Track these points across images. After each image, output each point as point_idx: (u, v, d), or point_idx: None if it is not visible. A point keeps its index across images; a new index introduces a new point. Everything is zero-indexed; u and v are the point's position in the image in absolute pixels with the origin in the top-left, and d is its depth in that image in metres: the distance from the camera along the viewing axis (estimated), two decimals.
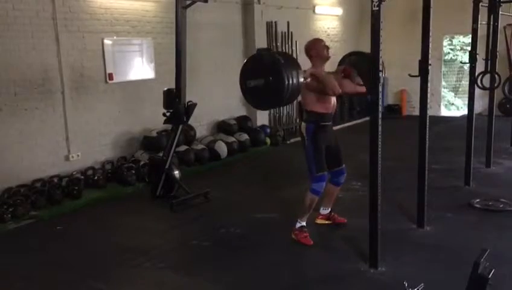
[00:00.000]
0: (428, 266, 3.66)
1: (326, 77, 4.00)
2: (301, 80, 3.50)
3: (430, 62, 4.14)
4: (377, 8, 3.27)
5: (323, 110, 4.11)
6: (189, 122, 5.90)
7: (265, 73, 3.42)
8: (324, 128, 4.16)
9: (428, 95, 4.22)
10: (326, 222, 4.57)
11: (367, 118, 4.15)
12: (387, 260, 3.69)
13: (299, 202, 5.20)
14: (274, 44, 9.00)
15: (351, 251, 3.98)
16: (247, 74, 3.60)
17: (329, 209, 4.60)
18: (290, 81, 3.36)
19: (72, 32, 5.96)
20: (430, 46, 4.12)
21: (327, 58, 4.13)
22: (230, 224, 4.68)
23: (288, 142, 8.80)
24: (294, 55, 9.40)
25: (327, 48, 4.16)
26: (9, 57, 5.37)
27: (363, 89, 4.04)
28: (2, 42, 5.27)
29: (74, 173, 5.97)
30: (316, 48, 4.13)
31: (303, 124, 4.22)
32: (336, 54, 4.37)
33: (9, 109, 5.42)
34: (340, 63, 4.32)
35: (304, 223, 4.23)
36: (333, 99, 4.16)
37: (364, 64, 3.86)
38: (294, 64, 3.54)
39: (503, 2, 6.24)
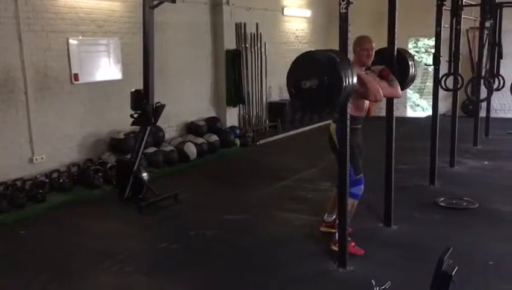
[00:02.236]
0: (395, 264, 3.73)
1: (371, 80, 3.73)
2: (355, 80, 3.27)
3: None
4: (345, 10, 3.31)
5: (357, 112, 3.84)
6: (158, 123, 5.83)
7: (319, 73, 3.16)
8: (355, 132, 3.86)
9: None
10: (332, 231, 4.16)
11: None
12: (356, 259, 3.74)
13: (269, 202, 5.22)
14: (243, 45, 9.00)
15: (320, 251, 4.01)
16: (297, 74, 3.27)
17: (334, 217, 4.25)
18: (347, 81, 3.14)
19: (35, 32, 5.80)
20: (396, 48, 4.20)
21: (364, 64, 3.85)
22: (201, 226, 4.65)
23: (258, 143, 8.81)
24: (263, 57, 9.47)
25: (368, 53, 3.80)
26: None
27: (399, 92, 3.94)
28: None
29: (38, 176, 5.80)
30: (358, 48, 3.80)
31: (333, 124, 3.95)
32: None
33: None
34: None
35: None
36: (367, 102, 3.94)
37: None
38: (348, 63, 3.28)
39: (465, 6, 6.43)
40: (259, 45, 9.37)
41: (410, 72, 4.31)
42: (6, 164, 5.57)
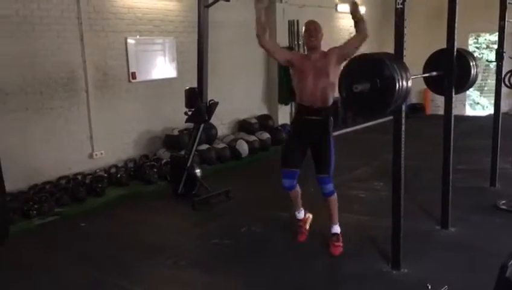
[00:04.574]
0: (452, 268, 3.59)
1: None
2: (410, 83, 3.16)
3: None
4: (401, 6, 3.21)
5: (300, 100, 3.94)
6: (211, 121, 5.92)
7: (371, 76, 3.08)
8: (298, 123, 4.07)
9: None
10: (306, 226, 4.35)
11: (389, 118, 4.10)
12: (410, 261, 3.63)
13: (320, 200, 5.19)
14: (296, 43, 8.96)
15: (373, 251, 3.94)
16: (349, 78, 3.21)
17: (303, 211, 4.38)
18: (400, 84, 3.04)
19: (96, 32, 6.05)
20: (456, 44, 4.05)
21: (308, 46, 3.90)
22: (251, 222, 4.68)
23: None
24: None
25: (310, 34, 3.83)
26: (35, 57, 5.47)
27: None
28: (28, 42, 5.38)
29: (98, 170, 6.06)
30: (303, 29, 3.93)
31: (330, 120, 3.96)
32: (358, 52, 4.29)
33: (35, 107, 5.53)
34: (427, 64, 4.19)
35: None
36: (312, 86, 3.87)
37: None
38: (403, 65, 3.20)
39: None
40: None
41: (472, 73, 4.14)
42: (68, 159, 5.86)
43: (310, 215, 4.43)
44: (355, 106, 3.37)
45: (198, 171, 5.64)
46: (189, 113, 5.55)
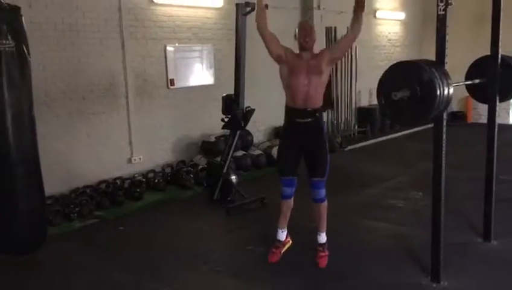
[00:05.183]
0: (495, 282, 3.47)
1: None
2: (451, 90, 3.07)
3: None
4: (443, 12, 3.14)
5: (290, 102, 3.85)
6: (247, 127, 5.94)
7: (411, 83, 3.01)
8: (289, 127, 3.96)
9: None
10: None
11: (427, 125, 4.01)
12: (451, 274, 3.53)
13: (356, 209, 5.11)
14: None
15: (412, 263, 3.84)
16: (388, 85, 3.16)
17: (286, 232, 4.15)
18: (441, 92, 2.97)
19: (137, 40, 6.20)
20: (500, 50, 3.92)
21: (302, 47, 3.81)
22: (293, 229, 4.65)
23: (345, 148, 8.66)
24: (354, 61, 9.30)
25: (305, 33, 3.78)
26: (79, 64, 5.65)
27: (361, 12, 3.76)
28: (72, 49, 5.56)
29: (136, 175, 6.18)
30: (298, 30, 3.85)
31: (323, 121, 3.90)
32: (396, 59, 4.25)
33: (78, 113, 5.70)
34: (469, 71, 4.11)
35: None
36: (302, 89, 3.77)
37: None
38: (444, 72, 3.12)
39: None
40: (349, 49, 9.21)
41: None
42: (108, 163, 6.01)
43: (290, 241, 4.16)
44: (394, 113, 3.28)
45: (234, 177, 5.67)
46: (226, 119, 5.59)
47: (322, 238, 4.00)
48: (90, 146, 5.83)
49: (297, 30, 3.88)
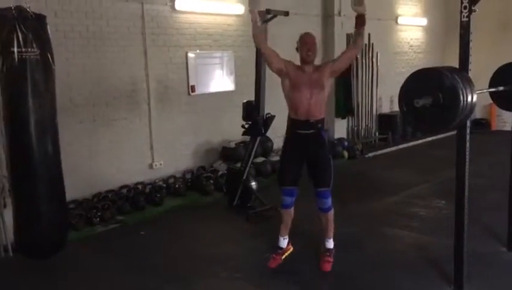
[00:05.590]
0: None
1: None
2: (475, 98, 3.02)
3: None
4: (467, 19, 3.11)
5: (292, 114, 3.88)
6: (267, 134, 5.95)
7: (433, 90, 2.97)
8: (292, 137, 3.98)
9: None
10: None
11: (450, 133, 3.95)
12: (474, 283, 3.47)
13: (378, 217, 5.07)
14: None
15: (434, 272, 3.78)
16: (410, 92, 3.12)
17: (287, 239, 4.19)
18: (465, 100, 2.92)
19: (158, 47, 6.27)
20: None
21: (304, 60, 3.82)
22: (306, 238, 4.63)
23: (366, 155, 8.59)
24: (375, 67, 9.24)
25: (308, 48, 3.78)
26: (103, 71, 5.74)
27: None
28: (96, 56, 5.66)
29: (157, 180, 6.24)
30: (300, 43, 3.85)
31: (324, 132, 3.91)
32: (417, 65, 4.21)
33: (101, 119, 5.79)
34: (494, 78, 4.04)
35: None
36: (304, 99, 3.80)
37: None
38: (467, 79, 3.08)
39: None
40: (370, 55, 9.17)
41: None
42: (130, 169, 6.07)
43: (291, 248, 4.18)
44: (416, 121, 3.24)
45: (253, 183, 5.67)
46: (246, 126, 5.61)
47: (330, 243, 4.04)
48: (112, 151, 5.91)
49: (299, 42, 3.88)
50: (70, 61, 5.39)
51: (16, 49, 3.43)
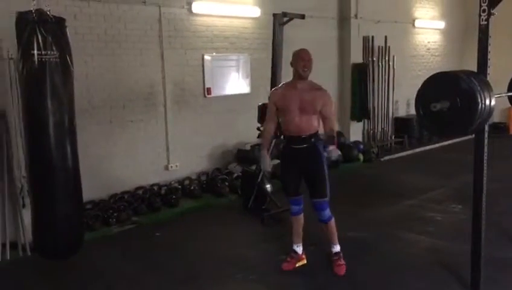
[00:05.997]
0: None
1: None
2: (493, 102, 3.02)
3: None
4: (485, 22, 3.08)
5: (285, 131, 3.96)
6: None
7: (451, 94, 2.95)
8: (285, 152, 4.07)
9: None
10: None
11: (467, 137, 3.91)
12: (491, 288, 3.43)
13: (393, 221, 5.04)
14: (370, 58, 8.84)
15: (451, 277, 3.75)
16: (427, 95, 3.11)
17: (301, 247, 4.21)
18: (483, 104, 2.90)
19: (175, 49, 6.32)
20: None
21: (301, 77, 3.80)
22: (320, 241, 4.60)
23: (382, 159, 8.54)
24: (391, 70, 9.19)
25: (304, 64, 3.77)
26: (120, 73, 5.81)
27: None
28: (114, 59, 5.73)
29: (172, 182, 6.28)
30: (296, 59, 3.81)
31: (319, 144, 3.94)
32: (434, 68, 4.18)
33: (118, 121, 5.85)
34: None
35: None
36: (296, 117, 3.85)
37: None
38: (485, 83, 3.05)
39: None
40: (387, 58, 9.11)
41: None
42: (146, 170, 6.13)
43: (304, 260, 4.17)
44: (433, 125, 3.22)
45: (268, 186, 5.67)
46: (262, 128, 5.61)
47: (336, 248, 4.05)
48: (128, 153, 5.97)
49: (293, 58, 3.85)
50: (88, 64, 5.47)
51: (35, 52, 3.48)
